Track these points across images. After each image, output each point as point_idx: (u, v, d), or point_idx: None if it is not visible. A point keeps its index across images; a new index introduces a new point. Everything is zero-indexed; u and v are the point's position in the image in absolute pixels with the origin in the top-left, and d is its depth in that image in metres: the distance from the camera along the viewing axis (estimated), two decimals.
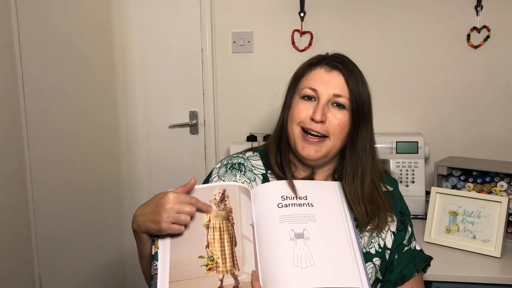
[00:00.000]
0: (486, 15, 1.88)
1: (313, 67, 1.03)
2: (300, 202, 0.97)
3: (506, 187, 1.54)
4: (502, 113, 1.93)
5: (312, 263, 0.88)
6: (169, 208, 0.87)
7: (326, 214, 0.97)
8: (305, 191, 0.99)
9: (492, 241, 1.43)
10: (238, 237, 0.90)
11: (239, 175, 1.08)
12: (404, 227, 1.06)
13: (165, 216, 0.87)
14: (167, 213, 0.87)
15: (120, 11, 2.06)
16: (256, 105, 2.06)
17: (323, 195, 1.00)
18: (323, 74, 1.00)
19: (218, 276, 0.85)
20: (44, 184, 2.15)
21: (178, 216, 0.87)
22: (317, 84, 1.00)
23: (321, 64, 1.02)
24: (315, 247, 0.90)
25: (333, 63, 1.01)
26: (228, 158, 1.13)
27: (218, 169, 1.11)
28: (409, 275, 1.02)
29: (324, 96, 0.99)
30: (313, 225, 0.94)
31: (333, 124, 0.99)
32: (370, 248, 1.01)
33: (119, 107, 2.13)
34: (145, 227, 0.90)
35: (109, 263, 2.21)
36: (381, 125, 1.97)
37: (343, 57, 1.04)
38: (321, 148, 1.00)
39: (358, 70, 1.02)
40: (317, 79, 1.00)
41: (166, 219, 0.87)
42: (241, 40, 2.03)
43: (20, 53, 2.07)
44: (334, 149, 1.01)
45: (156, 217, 0.88)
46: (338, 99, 0.99)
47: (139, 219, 0.92)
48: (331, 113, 0.99)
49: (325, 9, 1.96)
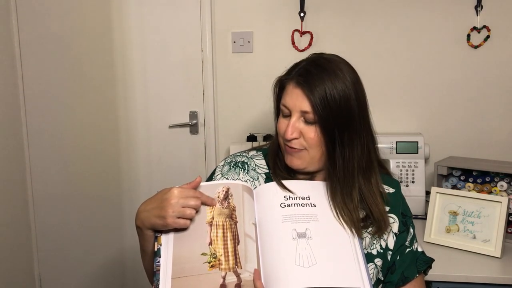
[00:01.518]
0: (486, 15, 1.88)
1: (286, 80, 1.01)
2: (303, 202, 0.97)
3: (506, 187, 1.54)
4: (502, 113, 1.93)
5: (314, 262, 0.88)
6: (174, 203, 0.87)
7: (329, 214, 0.97)
8: (308, 191, 1.00)
9: (492, 241, 1.43)
10: (241, 236, 0.90)
11: (242, 173, 1.09)
12: (406, 228, 1.06)
13: (171, 211, 0.87)
14: (172, 208, 0.87)
15: (120, 11, 2.06)
16: (256, 105, 2.06)
17: (325, 195, 1.00)
18: (292, 90, 0.99)
19: (220, 274, 0.85)
20: (44, 184, 2.15)
21: (183, 210, 0.87)
22: (288, 101, 0.99)
23: (291, 78, 1.00)
24: (317, 247, 0.90)
25: (298, 79, 0.98)
26: (231, 157, 1.14)
27: (221, 167, 1.12)
28: (410, 276, 1.02)
29: (294, 112, 0.98)
30: (316, 225, 0.94)
31: (306, 138, 0.99)
32: (371, 249, 1.01)
33: (119, 107, 2.13)
34: (149, 223, 0.90)
35: (109, 263, 2.21)
36: (381, 125, 1.96)
37: (315, 66, 0.99)
38: (302, 158, 1.01)
39: (334, 82, 0.96)
40: (288, 94, 0.99)
41: (172, 214, 0.87)
42: (241, 40, 2.03)
43: (20, 53, 2.07)
44: (316, 157, 1.00)
45: (161, 212, 0.87)
46: (306, 116, 0.97)
47: (143, 215, 0.92)
48: (304, 128, 0.99)
49: (325, 9, 1.96)
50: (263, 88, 2.04)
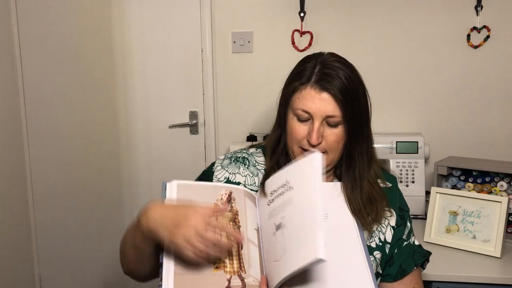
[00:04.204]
0: (486, 15, 1.88)
1: (303, 86, 0.98)
2: (282, 191, 0.94)
3: (506, 187, 1.54)
4: (502, 113, 1.93)
5: (284, 251, 0.85)
6: (193, 233, 0.79)
7: (305, 190, 0.89)
8: (287, 176, 0.95)
9: (492, 241, 1.43)
10: (244, 241, 0.90)
11: (242, 167, 1.10)
12: (403, 222, 1.07)
13: (186, 235, 0.80)
14: (188, 234, 0.79)
15: (120, 11, 2.06)
16: (256, 105, 2.05)
17: (304, 173, 0.93)
18: (314, 95, 0.97)
19: (225, 276, 0.85)
20: (44, 184, 2.15)
21: (196, 245, 0.79)
22: (309, 106, 0.97)
23: (311, 83, 0.97)
24: (289, 233, 0.86)
25: (321, 84, 0.96)
26: (232, 153, 1.15)
27: (221, 160, 1.13)
28: (408, 269, 1.04)
29: (317, 117, 0.97)
30: (290, 208, 0.89)
31: (329, 142, 0.99)
32: (370, 242, 1.02)
33: (119, 107, 2.13)
34: (156, 230, 0.83)
35: (110, 263, 2.21)
36: (381, 125, 1.97)
37: (330, 67, 0.98)
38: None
39: (351, 79, 0.97)
40: (309, 100, 0.97)
41: (183, 238, 0.80)
42: (241, 40, 2.03)
43: (20, 53, 2.07)
44: (335, 159, 1.03)
45: (174, 230, 0.81)
46: (331, 120, 0.97)
47: (152, 219, 0.84)
48: (326, 131, 0.99)
49: (325, 9, 1.96)
50: (263, 88, 2.04)
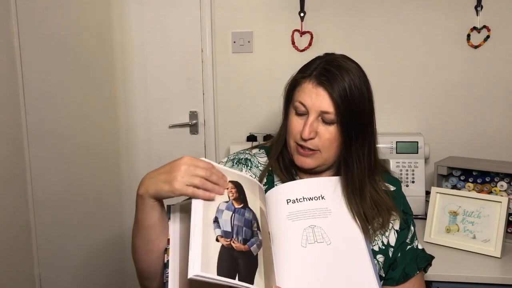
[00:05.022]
0: (486, 15, 1.88)
1: (303, 79, 0.99)
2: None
3: (506, 187, 1.54)
4: (502, 113, 1.93)
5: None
6: (184, 169, 0.81)
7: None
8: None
9: (492, 241, 1.43)
10: None
11: (245, 169, 1.09)
12: (407, 226, 1.06)
13: (180, 176, 0.81)
14: (181, 173, 0.81)
15: (120, 11, 2.06)
16: (256, 105, 2.06)
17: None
18: (311, 89, 0.96)
19: None
20: (44, 184, 2.15)
21: (193, 177, 0.81)
22: (306, 99, 0.97)
23: (310, 76, 0.98)
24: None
25: (320, 78, 0.96)
26: (234, 154, 1.14)
27: (224, 163, 1.11)
28: (411, 273, 1.03)
29: (312, 112, 0.97)
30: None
31: (323, 139, 0.98)
32: (373, 245, 1.01)
33: (119, 107, 2.13)
34: (155, 189, 0.84)
35: (109, 263, 2.21)
36: (381, 125, 1.95)
37: (334, 66, 0.97)
38: (314, 160, 1.01)
39: (354, 85, 0.96)
40: (306, 93, 0.97)
41: (181, 179, 0.80)
42: (241, 40, 2.03)
43: (20, 53, 2.07)
44: (329, 159, 1.02)
45: (169, 177, 0.82)
46: (325, 116, 0.96)
47: (148, 181, 0.86)
48: (321, 128, 0.98)
49: (325, 9, 1.96)
50: (263, 88, 2.04)
